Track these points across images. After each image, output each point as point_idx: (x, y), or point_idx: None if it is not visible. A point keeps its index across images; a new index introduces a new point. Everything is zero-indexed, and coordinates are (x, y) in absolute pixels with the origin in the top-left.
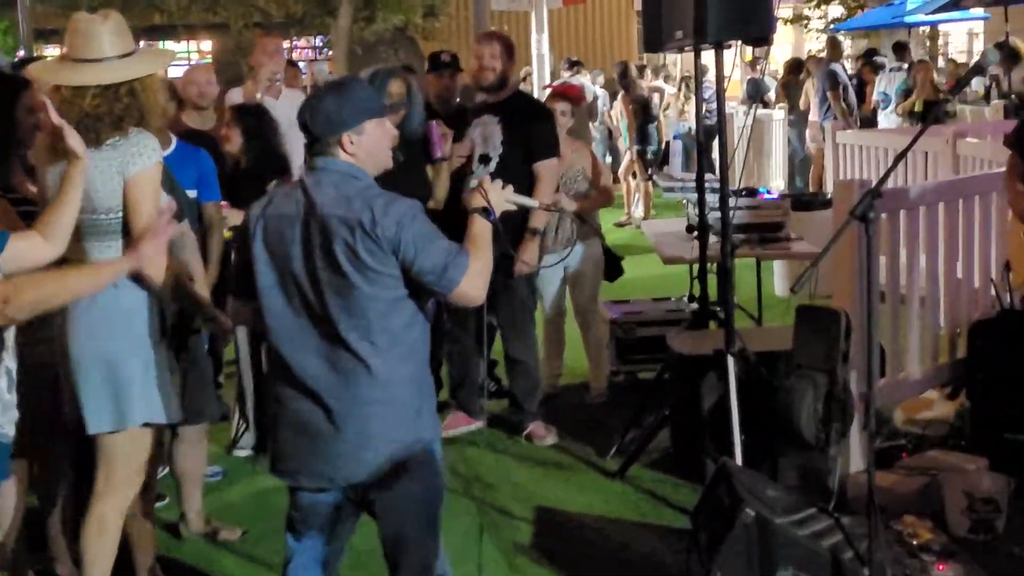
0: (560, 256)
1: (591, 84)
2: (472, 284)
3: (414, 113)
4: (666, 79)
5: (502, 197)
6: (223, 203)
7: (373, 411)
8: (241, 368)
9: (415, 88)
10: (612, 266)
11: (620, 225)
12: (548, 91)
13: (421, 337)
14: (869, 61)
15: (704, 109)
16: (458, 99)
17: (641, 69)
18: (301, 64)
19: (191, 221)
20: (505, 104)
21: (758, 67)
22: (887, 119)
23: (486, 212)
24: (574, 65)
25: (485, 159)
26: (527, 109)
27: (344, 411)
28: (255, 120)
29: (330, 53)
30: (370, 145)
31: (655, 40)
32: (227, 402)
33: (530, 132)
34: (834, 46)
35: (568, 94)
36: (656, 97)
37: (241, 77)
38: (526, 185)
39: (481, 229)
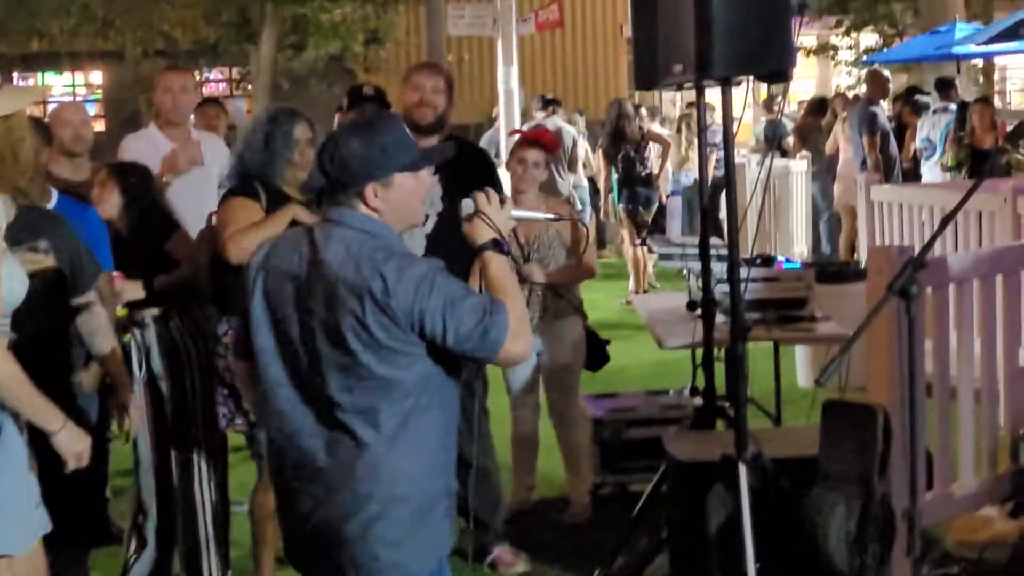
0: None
1: (568, 126)
2: (517, 339)
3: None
4: (662, 122)
5: (505, 217)
6: (115, 273)
7: (374, 510)
8: (141, 475)
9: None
10: (595, 352)
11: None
12: (515, 137)
13: (440, 425)
14: (911, 101)
15: (710, 159)
16: None
17: (636, 109)
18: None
19: (96, 290)
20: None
21: (775, 107)
22: (931, 171)
23: (498, 245)
24: (549, 104)
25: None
26: (471, 157)
27: (345, 508)
28: (137, 179)
29: (249, 88)
30: (399, 200)
31: (649, 75)
32: (118, 522)
33: (470, 186)
34: (877, 82)
35: (542, 140)
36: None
37: (139, 116)
38: (464, 254)
39: (500, 268)
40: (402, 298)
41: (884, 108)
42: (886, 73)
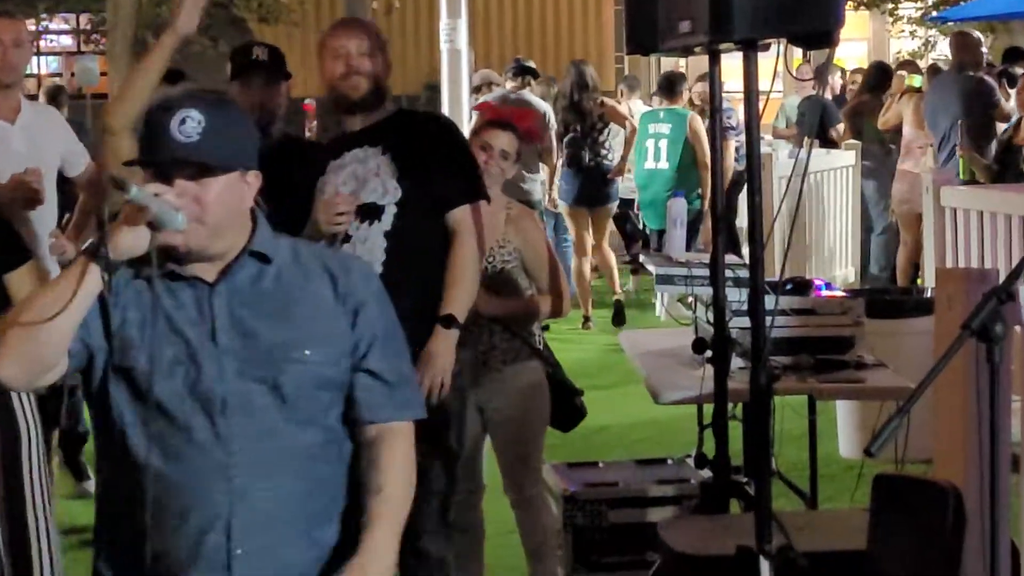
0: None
1: (543, 104)
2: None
3: None
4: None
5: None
6: None
7: None
8: None
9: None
10: (565, 405)
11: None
12: (477, 114)
13: None
14: (1004, 71)
15: (726, 148)
16: (280, 124)
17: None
18: (52, 60)
19: None
20: (388, 127)
21: (815, 81)
22: None
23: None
24: (524, 73)
25: (372, 211)
26: (426, 128)
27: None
28: None
29: (103, 43)
30: None
31: (645, 35)
32: None
33: (437, 163)
34: (967, 47)
35: (514, 121)
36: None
37: None
38: (436, 247)
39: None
40: None
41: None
42: (976, 35)
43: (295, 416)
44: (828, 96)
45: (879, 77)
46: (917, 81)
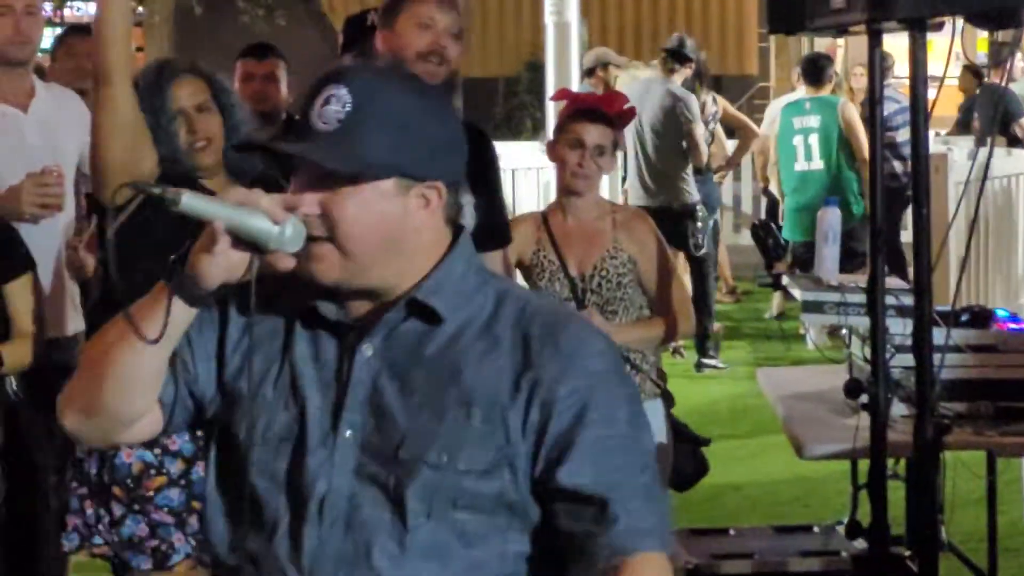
0: None
1: (684, 94)
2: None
3: (243, 134)
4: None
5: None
6: None
7: None
8: None
9: (230, 93)
10: (687, 458)
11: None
12: (562, 103)
13: None
14: None
15: (889, 144)
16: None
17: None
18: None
19: None
20: None
21: (1000, 66)
22: None
23: None
24: (680, 57)
25: None
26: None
27: None
28: None
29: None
30: None
31: (792, 11)
32: None
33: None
34: None
35: (603, 107)
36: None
37: None
38: None
39: None
40: None
41: None
42: None
43: (417, 543)
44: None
45: None
46: None
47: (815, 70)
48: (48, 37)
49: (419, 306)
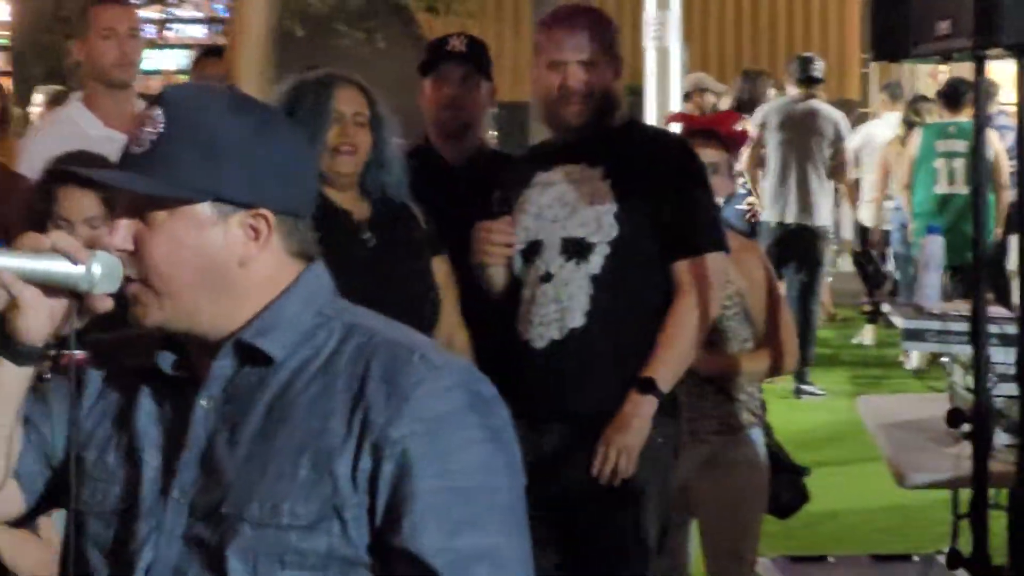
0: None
1: (834, 113)
2: None
3: (388, 159)
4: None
5: None
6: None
7: None
8: None
9: (385, 119)
10: (785, 486)
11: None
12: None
13: None
14: None
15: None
16: (488, 131)
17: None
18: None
19: None
20: (613, 143)
21: None
22: None
23: None
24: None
25: (579, 249)
26: (660, 154)
27: None
28: None
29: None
30: None
31: (894, 38)
32: None
33: (667, 202)
34: None
35: (717, 130)
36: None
37: (63, 75)
38: (653, 301)
39: None
40: None
41: None
42: None
43: None
44: None
45: None
46: None
47: (955, 94)
48: (151, 59)
49: (246, 349)
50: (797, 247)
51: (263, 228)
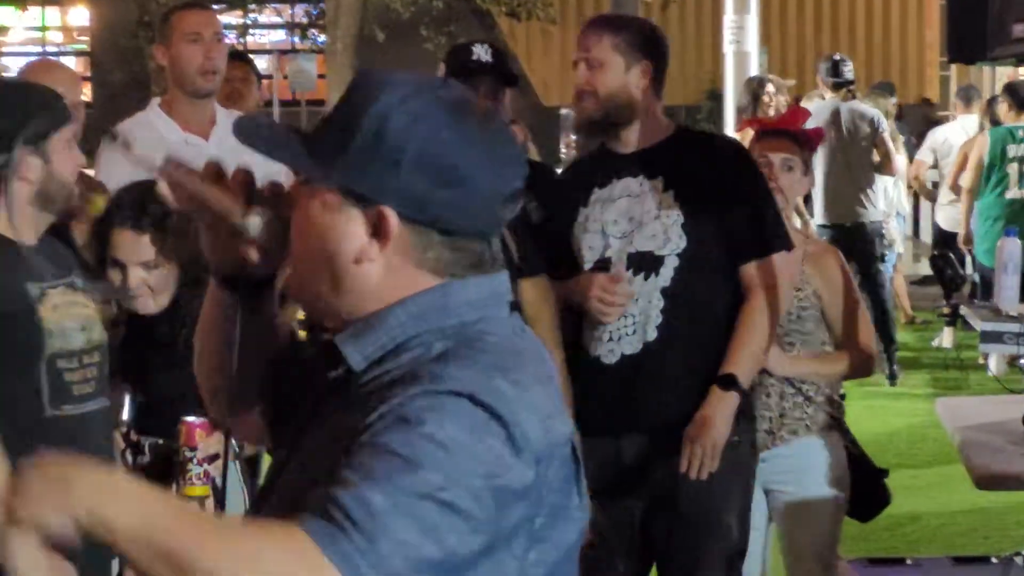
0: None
1: (869, 110)
2: None
3: None
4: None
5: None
6: None
7: None
8: None
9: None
10: (866, 488)
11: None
12: (748, 131)
13: None
14: None
15: None
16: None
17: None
18: (261, 59)
19: None
20: (667, 152)
21: None
22: None
23: None
24: (837, 74)
25: (649, 263)
26: (716, 158)
27: None
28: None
29: (322, 38)
30: None
31: (972, 41)
32: None
33: (730, 206)
34: None
35: (791, 129)
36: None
37: (145, 81)
38: (723, 306)
39: None
40: None
41: None
42: None
43: None
44: None
45: None
46: None
47: (1019, 97)
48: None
49: (335, 349)
50: (850, 246)
51: (385, 229)
